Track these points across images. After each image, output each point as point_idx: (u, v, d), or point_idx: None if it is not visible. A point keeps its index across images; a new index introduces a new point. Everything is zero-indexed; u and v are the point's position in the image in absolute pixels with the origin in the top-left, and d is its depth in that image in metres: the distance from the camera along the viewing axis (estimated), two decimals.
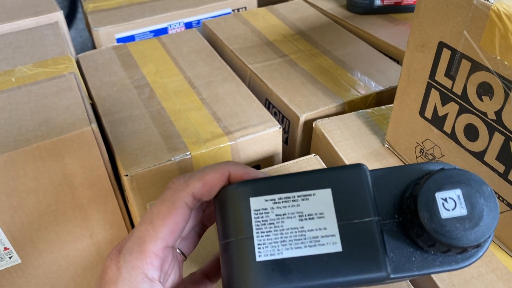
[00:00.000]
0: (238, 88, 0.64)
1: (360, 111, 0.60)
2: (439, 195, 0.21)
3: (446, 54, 0.42)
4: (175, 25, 0.84)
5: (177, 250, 0.28)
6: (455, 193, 0.22)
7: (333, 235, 0.22)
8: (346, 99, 0.62)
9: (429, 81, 0.45)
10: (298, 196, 0.22)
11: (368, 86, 0.65)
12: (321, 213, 0.22)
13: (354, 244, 0.21)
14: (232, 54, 0.74)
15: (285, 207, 0.22)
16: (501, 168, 0.41)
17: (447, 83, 0.43)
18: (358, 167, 0.23)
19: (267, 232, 0.22)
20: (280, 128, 0.57)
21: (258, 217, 0.22)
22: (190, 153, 0.54)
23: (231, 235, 0.23)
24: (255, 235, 0.22)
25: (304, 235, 0.22)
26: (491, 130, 0.40)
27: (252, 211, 0.22)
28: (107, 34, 0.81)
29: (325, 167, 0.53)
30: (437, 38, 0.42)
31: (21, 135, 0.50)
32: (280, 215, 0.22)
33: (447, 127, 0.45)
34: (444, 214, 0.21)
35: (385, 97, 0.64)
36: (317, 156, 0.54)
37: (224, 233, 0.23)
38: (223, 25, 0.79)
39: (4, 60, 0.64)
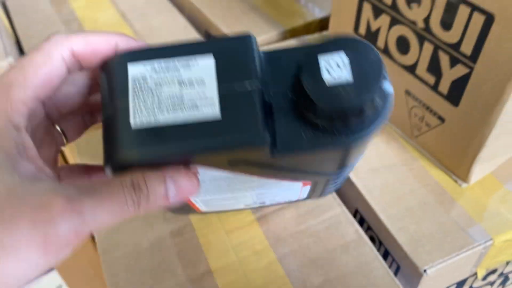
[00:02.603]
0: (174, 19, 0.60)
1: (301, 37, 0.57)
2: (322, 58, 0.21)
3: None
4: None
5: (57, 128, 0.26)
6: (340, 57, 0.21)
7: (212, 101, 0.21)
8: (288, 26, 0.59)
9: None
10: (178, 62, 0.22)
11: (312, 12, 0.62)
12: (201, 80, 0.21)
13: (233, 111, 0.21)
14: None
15: (165, 73, 0.21)
16: (431, 80, 0.39)
17: None
18: (245, 35, 0.22)
19: (143, 99, 0.21)
20: None
21: (136, 84, 0.21)
22: None
23: (108, 108, 0.21)
24: (130, 103, 0.21)
25: (183, 101, 0.21)
26: (421, 40, 0.38)
27: (130, 78, 0.21)
28: None
29: None
30: None
31: None
32: (159, 82, 0.21)
33: (381, 42, 0.43)
34: (327, 78, 0.20)
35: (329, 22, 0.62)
36: None
37: (103, 108, 0.22)
38: None
39: None
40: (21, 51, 0.56)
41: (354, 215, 0.43)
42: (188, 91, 0.21)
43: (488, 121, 0.36)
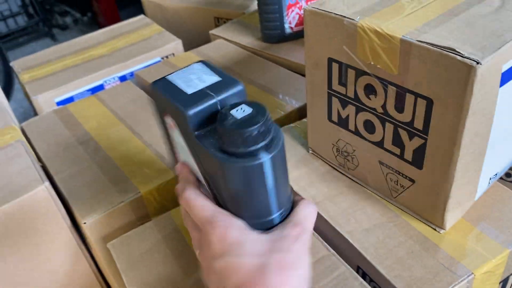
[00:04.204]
0: None
1: (285, 126, 0.68)
2: (236, 108, 0.34)
3: (335, 67, 0.51)
4: (110, 81, 0.90)
5: None
6: (243, 108, 0.34)
7: (195, 88, 0.37)
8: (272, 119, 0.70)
9: (328, 91, 0.53)
10: (210, 73, 0.38)
11: (290, 104, 0.73)
12: (204, 81, 0.37)
13: (194, 96, 0.36)
14: None
15: (200, 74, 0.38)
16: (397, 151, 0.49)
17: (342, 90, 0.52)
18: (240, 82, 0.37)
19: (182, 74, 0.39)
20: None
21: (186, 71, 0.39)
22: (140, 192, 0.59)
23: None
24: (175, 74, 0.39)
25: (190, 82, 0.37)
26: (383, 122, 0.49)
27: (191, 69, 0.40)
28: (46, 100, 0.86)
29: None
30: (326, 55, 0.51)
31: None
32: (195, 74, 0.38)
33: (351, 126, 0.53)
34: (232, 113, 0.34)
35: (306, 111, 0.73)
36: None
37: None
38: (154, 73, 0.86)
39: None
40: (46, 172, 0.65)
41: (357, 271, 0.50)
42: (196, 82, 0.37)
43: (447, 178, 0.46)
